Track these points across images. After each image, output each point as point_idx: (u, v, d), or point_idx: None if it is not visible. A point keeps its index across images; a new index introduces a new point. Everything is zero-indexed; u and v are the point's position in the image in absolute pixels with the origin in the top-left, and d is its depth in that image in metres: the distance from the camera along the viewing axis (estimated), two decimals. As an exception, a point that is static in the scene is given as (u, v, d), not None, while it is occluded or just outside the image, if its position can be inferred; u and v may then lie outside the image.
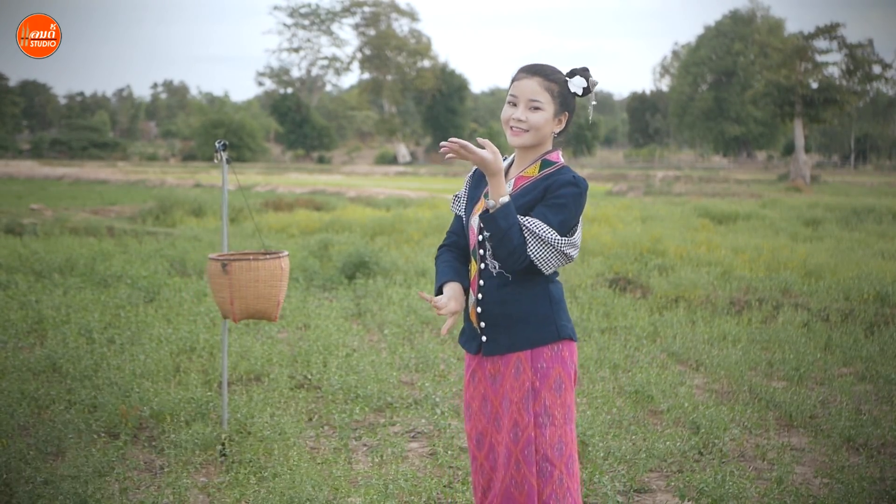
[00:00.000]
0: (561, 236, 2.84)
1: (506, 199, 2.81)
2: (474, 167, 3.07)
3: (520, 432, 2.90)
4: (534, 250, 2.83)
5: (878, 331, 7.91)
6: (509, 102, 2.97)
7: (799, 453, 5.06)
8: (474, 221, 2.99)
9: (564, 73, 3.00)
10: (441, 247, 3.16)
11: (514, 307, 2.92)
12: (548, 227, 2.83)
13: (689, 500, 4.33)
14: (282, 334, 7.79)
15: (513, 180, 2.98)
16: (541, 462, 2.90)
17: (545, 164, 2.96)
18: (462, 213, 3.10)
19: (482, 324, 2.97)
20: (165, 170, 46.53)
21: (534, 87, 2.92)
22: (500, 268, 2.91)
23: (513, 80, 2.98)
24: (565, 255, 2.86)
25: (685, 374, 6.64)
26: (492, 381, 2.98)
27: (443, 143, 2.76)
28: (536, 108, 2.92)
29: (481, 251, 2.96)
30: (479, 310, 2.97)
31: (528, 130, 2.93)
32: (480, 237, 2.96)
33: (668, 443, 5.01)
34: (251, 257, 4.78)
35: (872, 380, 6.50)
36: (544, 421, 2.90)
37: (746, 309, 8.90)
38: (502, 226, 2.79)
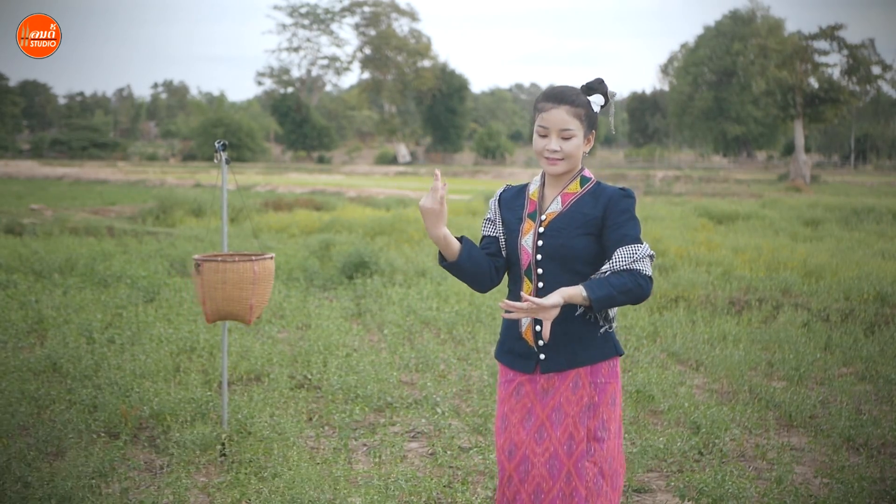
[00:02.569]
0: (642, 244, 2.92)
1: (581, 289, 2.83)
2: (499, 191, 3.13)
3: (574, 445, 2.91)
4: (646, 269, 2.89)
5: (878, 331, 7.91)
6: (540, 134, 2.97)
7: (799, 453, 5.06)
8: (525, 242, 2.99)
9: (581, 88, 3.02)
10: None
11: (576, 326, 2.94)
12: (635, 248, 2.88)
13: (688, 500, 4.33)
14: (282, 334, 7.79)
15: (559, 197, 2.99)
16: (596, 476, 2.92)
17: (584, 179, 3.01)
18: (497, 235, 3.08)
19: (540, 342, 2.96)
20: (165, 170, 46.51)
21: (563, 117, 2.94)
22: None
23: (538, 110, 2.98)
24: (653, 257, 2.96)
25: (685, 374, 6.64)
26: (542, 396, 2.97)
27: (504, 304, 2.81)
28: (568, 137, 2.95)
29: (539, 270, 2.96)
30: (537, 328, 2.96)
31: (563, 159, 2.96)
32: (539, 256, 2.96)
33: (668, 443, 5.01)
34: (219, 258, 4.73)
35: (872, 380, 6.50)
36: (602, 435, 2.93)
37: (746, 309, 8.90)
38: (609, 293, 2.84)
